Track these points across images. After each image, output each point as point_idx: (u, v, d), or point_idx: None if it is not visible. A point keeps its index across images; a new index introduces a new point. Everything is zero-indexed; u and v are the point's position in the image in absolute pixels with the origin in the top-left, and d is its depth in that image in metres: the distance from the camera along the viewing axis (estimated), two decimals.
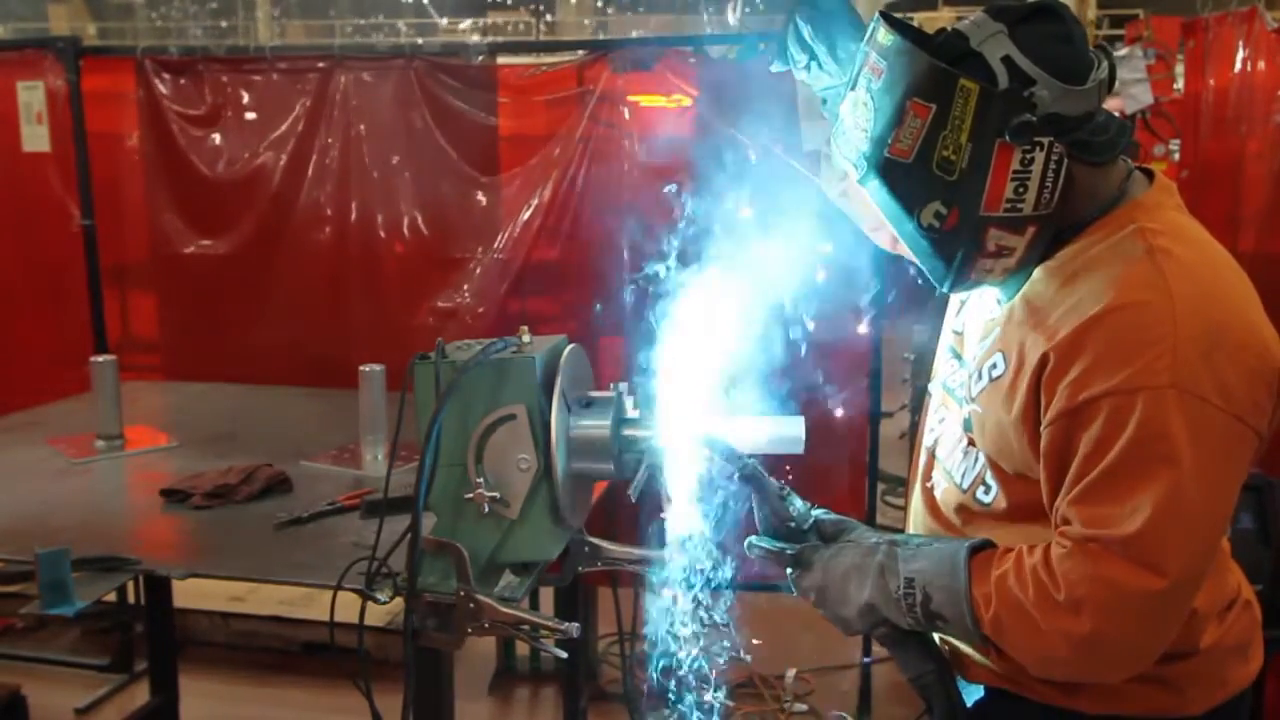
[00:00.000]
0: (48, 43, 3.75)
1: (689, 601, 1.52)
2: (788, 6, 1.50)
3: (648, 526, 1.54)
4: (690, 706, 1.57)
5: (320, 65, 3.57)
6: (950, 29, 1.27)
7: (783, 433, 1.43)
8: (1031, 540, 1.27)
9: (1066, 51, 1.23)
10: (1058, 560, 1.21)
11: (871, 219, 1.67)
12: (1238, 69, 3.21)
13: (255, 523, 2.08)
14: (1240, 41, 3.19)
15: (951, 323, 1.54)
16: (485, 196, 3.53)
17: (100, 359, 2.61)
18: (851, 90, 1.31)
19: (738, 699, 3.52)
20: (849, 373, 3.26)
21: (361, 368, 2.48)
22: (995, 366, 1.34)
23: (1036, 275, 1.32)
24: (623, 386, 1.48)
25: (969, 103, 1.21)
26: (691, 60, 3.34)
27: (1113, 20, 10.27)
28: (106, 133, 3.71)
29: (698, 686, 1.56)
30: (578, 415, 1.45)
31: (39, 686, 3.40)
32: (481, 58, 3.48)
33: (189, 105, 3.65)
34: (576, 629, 1.41)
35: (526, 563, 1.52)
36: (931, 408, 1.55)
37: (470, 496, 1.39)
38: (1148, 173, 1.37)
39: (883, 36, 1.26)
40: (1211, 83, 3.31)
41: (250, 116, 3.65)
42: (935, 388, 1.55)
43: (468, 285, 3.54)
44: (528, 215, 3.46)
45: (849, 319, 3.20)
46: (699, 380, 1.45)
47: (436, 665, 1.54)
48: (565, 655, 1.62)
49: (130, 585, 3.61)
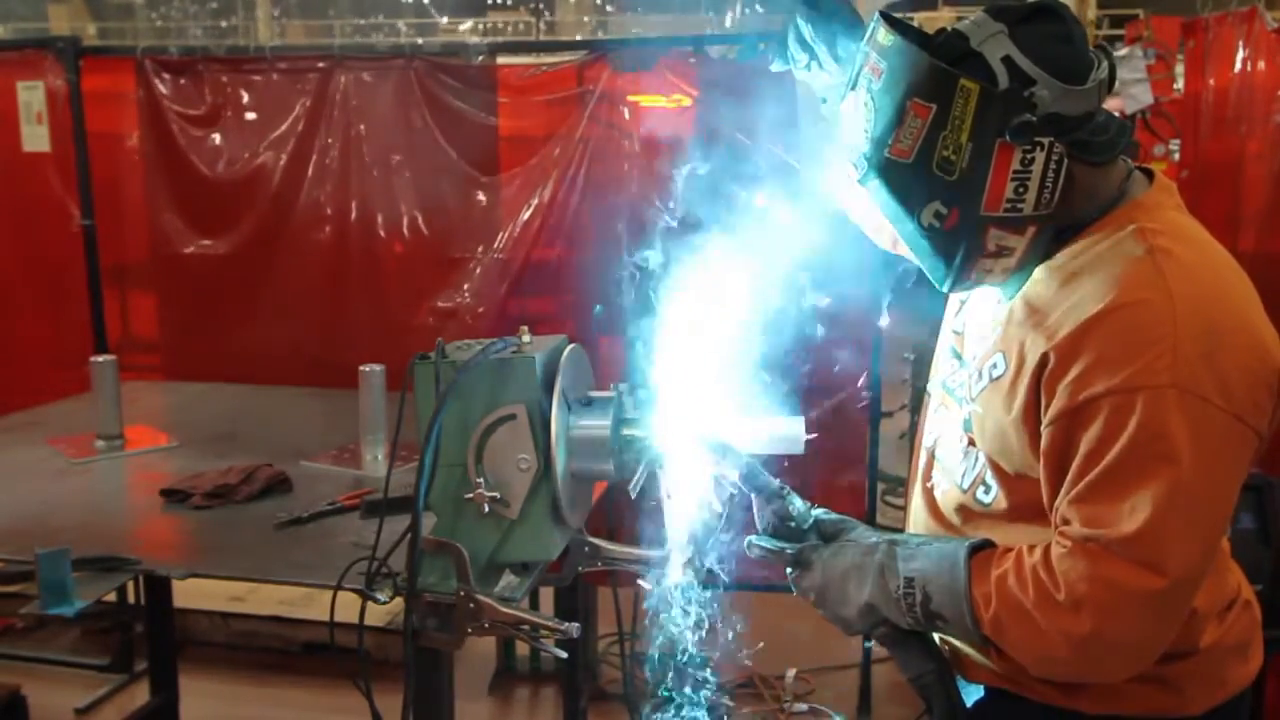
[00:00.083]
0: (48, 43, 3.75)
1: (689, 601, 1.52)
2: (788, 6, 1.50)
3: (648, 526, 1.54)
4: (690, 707, 1.57)
5: (320, 65, 3.57)
6: (950, 29, 1.27)
7: (783, 433, 1.43)
8: (1031, 540, 1.27)
9: (1067, 51, 1.23)
10: (1058, 560, 1.21)
11: (872, 220, 1.67)
12: (1238, 69, 3.21)
13: (255, 523, 2.08)
14: (1240, 41, 3.19)
15: (951, 323, 1.54)
16: (485, 196, 3.54)
17: (100, 359, 2.61)
18: (851, 90, 1.31)
19: (738, 699, 3.52)
20: (849, 373, 3.26)
21: (361, 368, 2.48)
22: (995, 366, 1.34)
23: (1037, 275, 1.32)
24: (623, 386, 1.48)
25: (969, 103, 1.21)
26: (691, 60, 3.34)
27: (1113, 20, 10.27)
28: (106, 133, 3.71)
29: (697, 687, 1.56)
30: (578, 415, 1.45)
31: (39, 686, 3.40)
32: (481, 58, 3.48)
33: (189, 105, 3.66)
34: (576, 629, 1.41)
35: (526, 563, 1.52)
36: (931, 408, 1.55)
37: (470, 496, 1.39)
38: (1148, 173, 1.37)
39: (883, 36, 1.26)
40: (1211, 83, 3.31)
41: (250, 116, 3.65)
42: (935, 388, 1.55)
43: (468, 285, 3.54)
44: (528, 215, 3.46)
45: (848, 318, 3.21)
46: (699, 380, 1.45)
47: (436, 665, 1.54)
48: (565, 655, 1.62)
49: (130, 585, 3.60)
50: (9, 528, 2.07)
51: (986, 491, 1.37)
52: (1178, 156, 3.50)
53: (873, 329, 3.23)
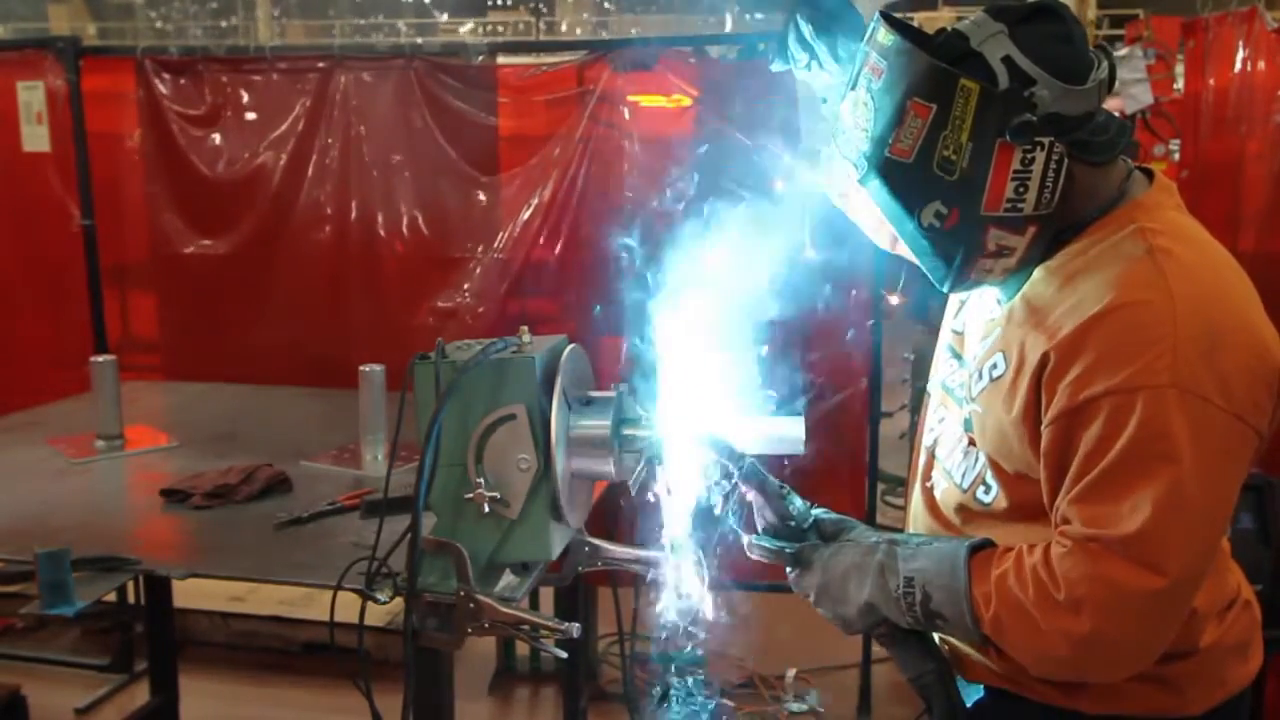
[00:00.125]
0: (48, 43, 3.75)
1: (689, 601, 1.52)
2: (788, 6, 1.50)
3: (648, 526, 1.54)
4: (690, 706, 1.57)
5: (320, 65, 3.57)
6: (950, 29, 1.27)
7: (783, 433, 1.43)
8: (1031, 540, 1.27)
9: (1067, 51, 1.23)
10: (1058, 559, 1.21)
11: (871, 219, 1.67)
12: (1238, 69, 3.21)
13: (255, 523, 2.08)
14: (1240, 41, 3.19)
15: (951, 323, 1.54)
16: (485, 196, 3.53)
17: (100, 359, 2.61)
18: (852, 90, 1.31)
19: (738, 699, 3.52)
20: (849, 373, 3.26)
21: (361, 368, 2.48)
22: (995, 366, 1.34)
23: (1037, 275, 1.32)
24: (623, 386, 1.48)
25: (969, 103, 1.21)
26: (691, 60, 3.34)
27: (1113, 20, 10.27)
28: (106, 133, 3.71)
29: (697, 687, 1.56)
30: (578, 415, 1.45)
31: (39, 686, 3.40)
32: (481, 58, 3.48)
33: (189, 105, 3.65)
34: (577, 629, 1.41)
35: (526, 563, 1.52)
36: (931, 407, 1.55)
37: (470, 496, 1.39)
38: (1148, 173, 1.37)
39: (883, 36, 1.26)
40: (1211, 83, 3.31)
41: (250, 116, 3.65)
42: (935, 387, 1.55)
43: (468, 285, 3.54)
44: (528, 215, 3.46)
45: (848, 318, 3.21)
46: (698, 379, 1.45)
47: (436, 665, 1.54)
48: (565, 655, 1.62)
49: (130, 585, 3.60)
50: (9, 528, 2.07)
51: (986, 491, 1.37)
52: (1178, 156, 3.51)
53: (872, 329, 3.24)
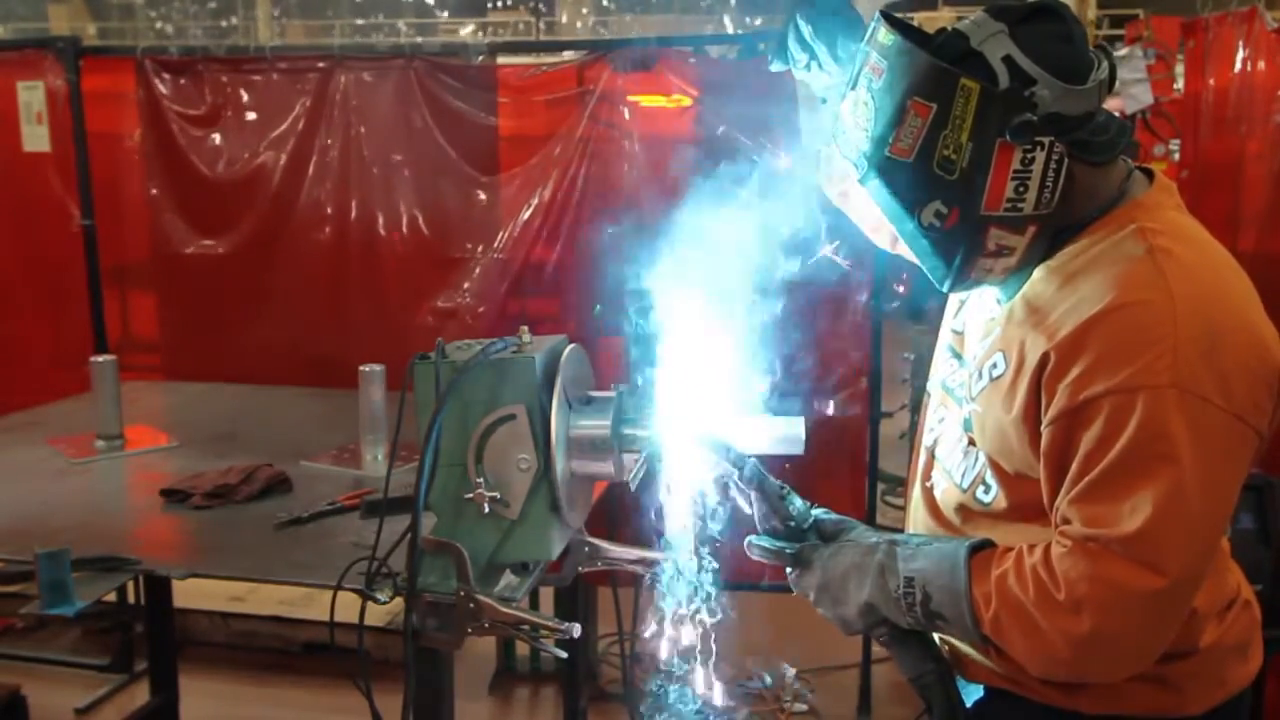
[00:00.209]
0: (48, 43, 3.75)
1: (688, 601, 1.52)
2: (788, 6, 1.50)
3: (648, 526, 1.54)
4: (690, 707, 1.57)
5: (320, 65, 3.57)
6: (951, 28, 1.27)
7: (783, 433, 1.43)
8: (1031, 540, 1.27)
9: (1067, 51, 1.23)
10: (1058, 559, 1.21)
11: (871, 219, 1.67)
12: (1238, 69, 3.21)
13: (255, 523, 2.08)
14: (1240, 41, 3.19)
15: (951, 322, 1.54)
16: (485, 196, 3.53)
17: (100, 359, 2.61)
18: (852, 90, 1.31)
19: (738, 699, 3.52)
20: (849, 373, 3.26)
21: (361, 368, 2.48)
22: (995, 366, 1.34)
23: (1037, 275, 1.32)
24: (623, 386, 1.48)
25: (969, 102, 1.21)
26: (691, 60, 3.34)
27: (1113, 20, 10.28)
28: (106, 133, 3.71)
29: (697, 687, 1.56)
30: (578, 415, 1.45)
31: (39, 686, 3.40)
32: (481, 58, 3.48)
33: (189, 105, 3.65)
34: (577, 629, 1.41)
35: (526, 563, 1.52)
36: (931, 407, 1.55)
37: (470, 496, 1.39)
38: (1148, 173, 1.37)
39: (883, 36, 1.26)
40: (1211, 83, 3.31)
41: (250, 116, 3.64)
42: (934, 387, 1.55)
43: (468, 285, 3.54)
44: (528, 215, 3.46)
45: (848, 318, 3.21)
46: (698, 379, 1.45)
47: (436, 665, 1.54)
48: (565, 655, 1.62)
49: (130, 585, 3.60)
50: (9, 528, 2.07)
51: (986, 491, 1.37)
52: (1178, 156, 3.51)
53: (872, 329, 3.24)
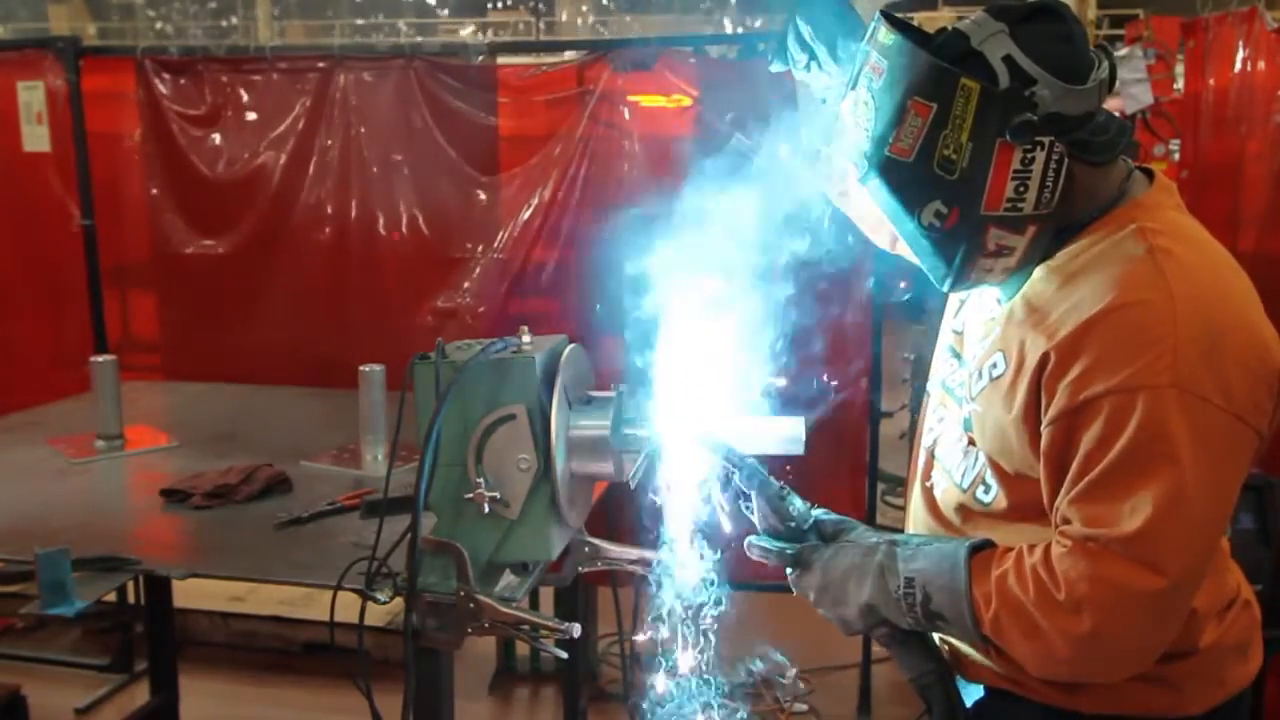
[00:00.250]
0: (48, 43, 3.75)
1: (688, 602, 1.52)
2: (788, 7, 1.50)
3: (648, 526, 1.54)
4: (689, 707, 1.57)
5: (320, 65, 3.57)
6: (951, 28, 1.27)
7: (783, 433, 1.43)
8: (1031, 540, 1.27)
9: (1067, 51, 1.23)
10: (1058, 559, 1.21)
11: (871, 219, 1.67)
12: (1238, 69, 3.21)
13: (255, 523, 2.08)
14: (1240, 41, 3.19)
15: (951, 322, 1.54)
16: (485, 196, 3.53)
17: (100, 359, 2.61)
18: (852, 89, 1.31)
19: (737, 699, 3.52)
20: (849, 373, 3.26)
21: (361, 368, 2.48)
22: (995, 366, 1.34)
23: (1037, 275, 1.32)
24: (623, 386, 1.48)
25: (970, 102, 1.21)
26: (691, 60, 3.34)
27: (1113, 20, 10.28)
28: (106, 133, 3.71)
29: (697, 686, 1.56)
30: (578, 415, 1.45)
31: (39, 686, 3.40)
32: (481, 58, 3.48)
33: (189, 105, 3.65)
34: (577, 629, 1.41)
35: (526, 563, 1.52)
36: (930, 407, 1.55)
37: (470, 496, 1.39)
38: (1148, 173, 1.37)
39: (884, 35, 1.26)
40: (1211, 83, 3.31)
41: (250, 116, 3.65)
42: (934, 387, 1.55)
43: (468, 285, 3.54)
44: (528, 215, 3.46)
45: (848, 318, 3.21)
46: (698, 379, 1.45)
47: (436, 665, 1.54)
48: (565, 655, 1.62)
49: (130, 585, 3.60)
50: (9, 528, 2.07)
51: (986, 491, 1.37)
52: (1178, 156, 3.51)
53: (872, 329, 3.24)
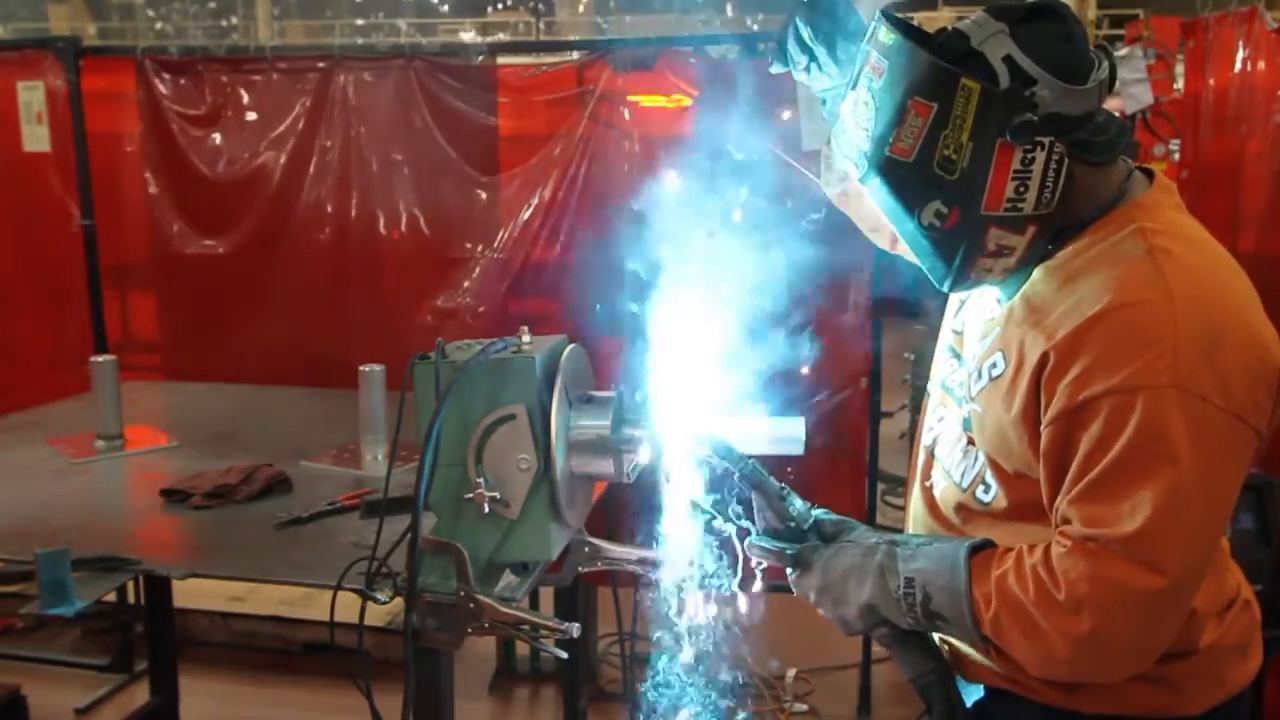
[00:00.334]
0: (48, 43, 3.75)
1: (688, 601, 1.52)
2: (788, 7, 1.50)
3: (648, 526, 1.54)
4: (689, 707, 1.57)
5: (320, 65, 3.57)
6: (951, 28, 1.27)
7: (783, 433, 1.43)
8: (1031, 539, 1.27)
9: (1067, 51, 1.24)
10: (1058, 559, 1.21)
11: (871, 219, 1.67)
12: (1238, 69, 3.21)
13: (255, 523, 2.08)
14: (1240, 41, 3.19)
15: (951, 322, 1.54)
16: (485, 196, 3.53)
17: (100, 359, 2.61)
18: (852, 89, 1.31)
19: (737, 699, 3.52)
20: (849, 373, 3.26)
21: (361, 368, 2.48)
22: (995, 366, 1.34)
23: (1036, 275, 1.32)
24: (623, 386, 1.48)
25: (970, 102, 1.21)
26: (691, 60, 3.34)
27: (1113, 20, 10.28)
28: (106, 133, 3.71)
29: (697, 687, 1.56)
30: (578, 415, 1.45)
31: (39, 686, 3.40)
32: (481, 58, 3.48)
33: (189, 105, 3.65)
34: (577, 629, 1.41)
35: (526, 563, 1.52)
36: (930, 407, 1.55)
37: (470, 496, 1.39)
38: (1148, 173, 1.37)
39: (884, 35, 1.26)
40: (1211, 83, 3.31)
41: (250, 116, 3.65)
42: (934, 387, 1.55)
43: (468, 285, 3.54)
44: (528, 215, 3.46)
45: (848, 318, 3.21)
46: (698, 379, 1.45)
47: (436, 665, 1.54)
48: (565, 655, 1.62)
49: (130, 585, 3.60)
50: (9, 528, 2.07)
51: (986, 490, 1.37)
52: (1178, 156, 3.51)
53: (872, 329, 3.24)
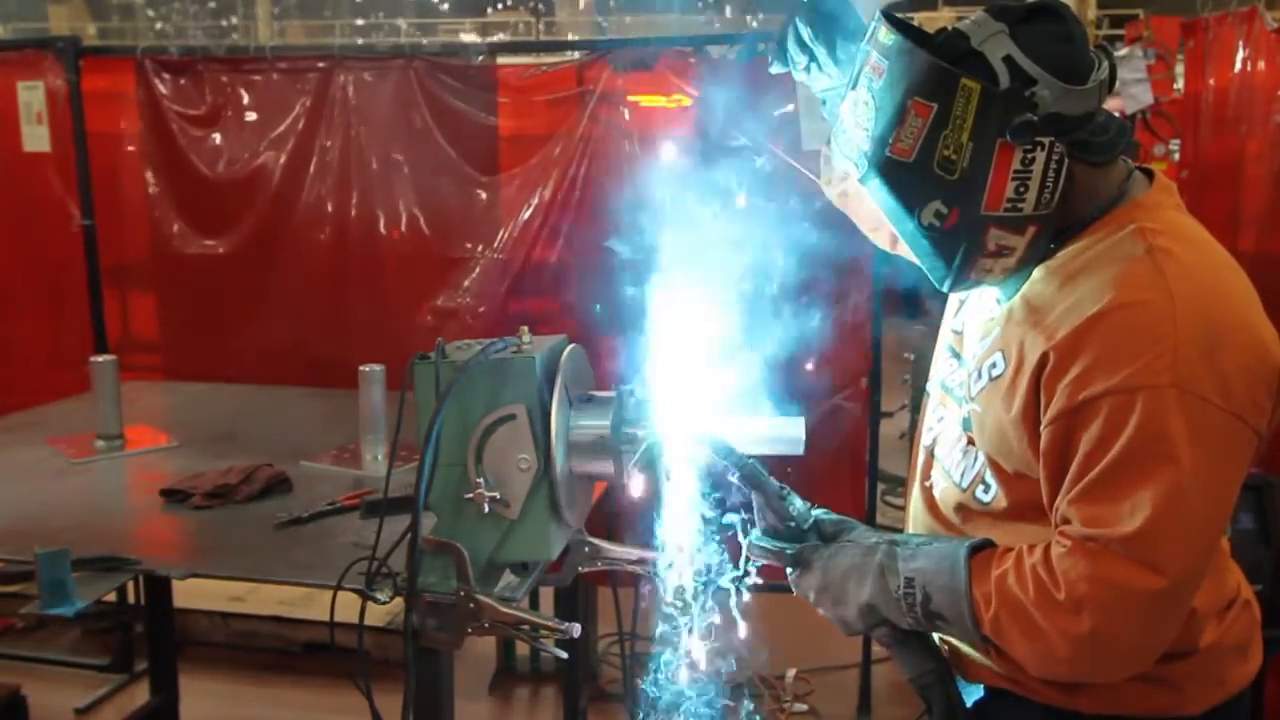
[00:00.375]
0: (48, 43, 3.75)
1: (688, 601, 1.52)
2: (788, 8, 1.50)
3: (648, 526, 1.54)
4: (689, 707, 1.57)
5: (320, 65, 3.57)
6: (951, 28, 1.27)
7: (783, 433, 1.43)
8: (1031, 539, 1.27)
9: (1067, 51, 1.24)
10: (1058, 559, 1.21)
11: (871, 219, 1.67)
12: (1238, 69, 3.21)
13: (255, 523, 2.08)
14: (1240, 41, 3.19)
15: (950, 322, 1.54)
16: (485, 196, 3.53)
17: (100, 359, 2.61)
18: (852, 90, 1.31)
19: (737, 699, 3.52)
20: (849, 373, 3.26)
21: (361, 368, 2.48)
22: (995, 366, 1.34)
23: (1036, 275, 1.32)
24: (623, 386, 1.48)
25: (970, 102, 1.21)
26: (691, 60, 3.34)
27: (1113, 20, 10.28)
28: (106, 133, 3.71)
29: (697, 687, 1.56)
30: (578, 415, 1.45)
31: (39, 686, 3.40)
32: (481, 58, 3.48)
33: (189, 105, 3.65)
34: (577, 629, 1.41)
35: (526, 563, 1.52)
36: (930, 407, 1.55)
37: (470, 496, 1.39)
38: (1148, 173, 1.37)
39: (884, 36, 1.26)
40: (1211, 83, 3.31)
41: (250, 116, 3.64)
42: (934, 387, 1.55)
43: (468, 285, 3.54)
44: (528, 215, 3.46)
45: (848, 318, 3.21)
46: (698, 379, 1.45)
47: (436, 665, 1.54)
48: (565, 655, 1.62)
49: (130, 585, 3.60)
50: (9, 528, 2.07)
51: (985, 490, 1.37)
52: (1178, 156, 3.51)
53: (872, 329, 3.24)
